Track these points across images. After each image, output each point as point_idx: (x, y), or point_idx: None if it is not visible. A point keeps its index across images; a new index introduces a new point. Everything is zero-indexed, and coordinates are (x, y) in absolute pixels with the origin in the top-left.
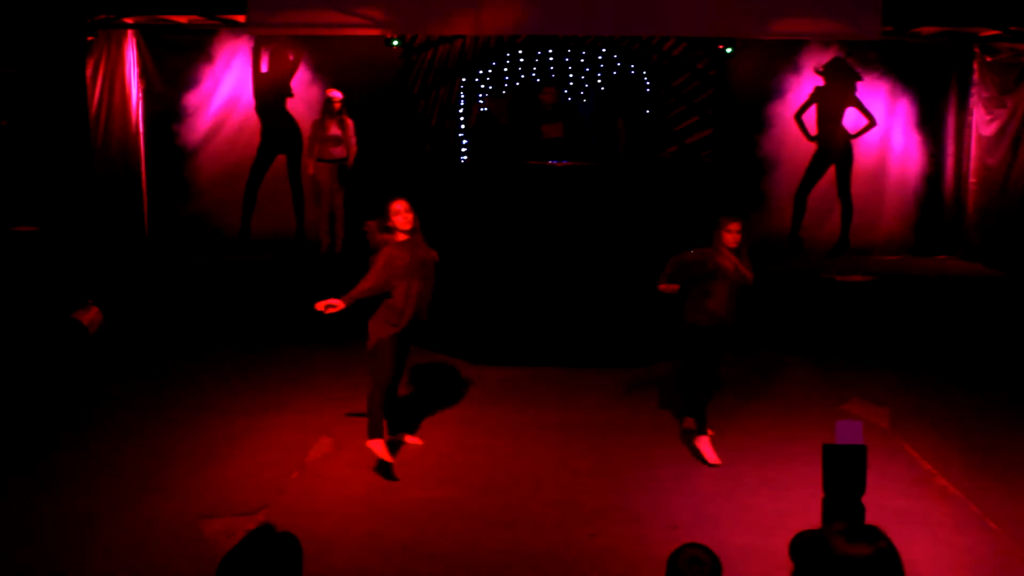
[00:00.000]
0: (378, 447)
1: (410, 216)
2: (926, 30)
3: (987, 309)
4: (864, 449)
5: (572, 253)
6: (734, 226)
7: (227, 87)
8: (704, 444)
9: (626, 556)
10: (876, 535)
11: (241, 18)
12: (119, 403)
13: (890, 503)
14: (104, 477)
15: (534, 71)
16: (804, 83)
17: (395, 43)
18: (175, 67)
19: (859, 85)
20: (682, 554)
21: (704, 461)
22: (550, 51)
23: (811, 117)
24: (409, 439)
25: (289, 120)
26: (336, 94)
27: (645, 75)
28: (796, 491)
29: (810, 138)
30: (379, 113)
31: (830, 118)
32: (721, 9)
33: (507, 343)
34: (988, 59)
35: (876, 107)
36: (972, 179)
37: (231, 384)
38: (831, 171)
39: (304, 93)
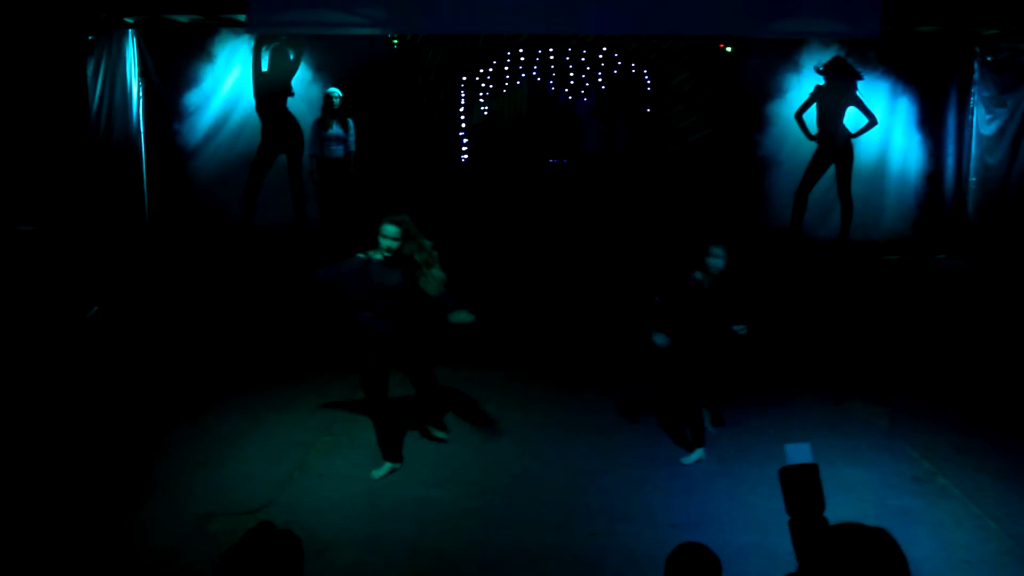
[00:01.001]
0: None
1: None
2: (926, 29)
3: (987, 308)
4: (816, 467)
5: (573, 250)
6: (718, 251)
7: (228, 86)
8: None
9: (627, 555)
10: (883, 537)
11: (242, 17)
12: (119, 401)
13: (890, 502)
14: (105, 476)
15: (535, 69)
16: (805, 82)
17: (396, 42)
18: (176, 66)
19: (860, 84)
20: (681, 553)
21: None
22: (551, 50)
23: (812, 116)
24: (433, 434)
25: (290, 119)
26: (335, 92)
27: (646, 74)
28: None
29: (810, 137)
30: (380, 112)
31: (831, 117)
32: (722, 8)
33: (508, 342)
34: (988, 58)
35: (877, 106)
36: (972, 178)
37: (232, 382)
38: (831, 170)
39: (305, 92)
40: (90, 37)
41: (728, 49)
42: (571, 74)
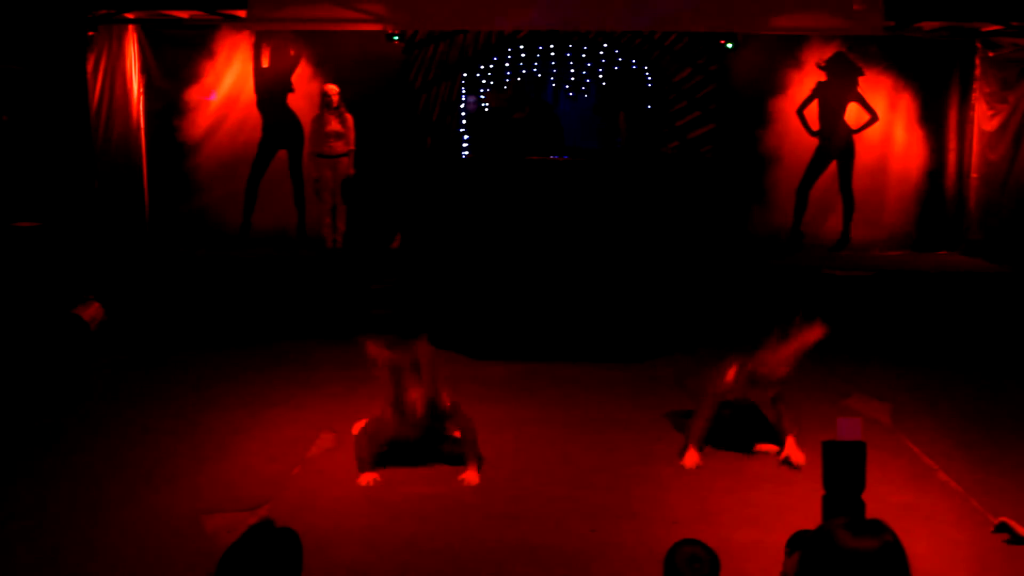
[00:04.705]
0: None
1: None
2: (928, 25)
3: (988, 304)
4: (863, 446)
5: (573, 248)
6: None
7: (228, 82)
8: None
9: (627, 551)
10: (882, 529)
11: (242, 13)
12: (120, 398)
13: (891, 498)
14: (106, 472)
15: (536, 66)
16: (806, 78)
17: (396, 38)
18: (176, 62)
19: (861, 80)
20: (679, 551)
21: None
22: (552, 46)
23: (813, 112)
24: None
25: (290, 115)
26: (333, 88)
27: (647, 70)
28: (797, 486)
29: (812, 133)
30: (380, 108)
31: (832, 113)
32: (722, 4)
33: (508, 338)
34: (990, 54)
35: (878, 102)
36: (974, 174)
37: (233, 379)
38: (833, 166)
39: (305, 88)
40: (91, 33)
41: (729, 45)
42: (571, 70)
